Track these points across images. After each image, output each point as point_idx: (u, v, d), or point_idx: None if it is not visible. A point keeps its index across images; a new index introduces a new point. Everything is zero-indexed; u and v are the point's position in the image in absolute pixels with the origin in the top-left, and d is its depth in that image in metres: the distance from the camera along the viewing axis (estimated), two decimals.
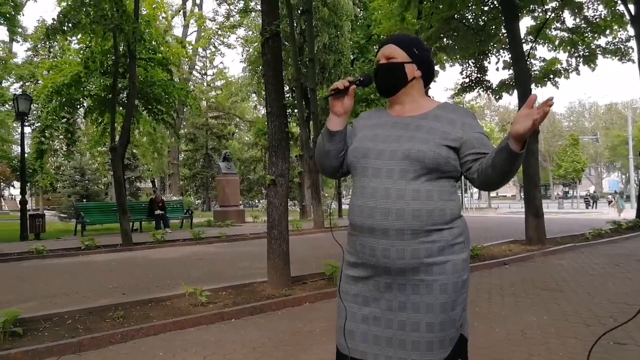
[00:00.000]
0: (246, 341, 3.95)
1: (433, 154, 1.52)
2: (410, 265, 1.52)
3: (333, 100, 1.66)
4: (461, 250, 1.58)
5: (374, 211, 1.54)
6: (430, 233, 1.52)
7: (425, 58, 1.71)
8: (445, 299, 1.52)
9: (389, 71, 1.67)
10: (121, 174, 11.77)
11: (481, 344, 3.71)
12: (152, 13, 16.20)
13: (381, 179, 1.56)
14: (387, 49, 1.69)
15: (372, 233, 1.55)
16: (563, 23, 13.50)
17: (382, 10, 15.54)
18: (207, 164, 42.14)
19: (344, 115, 1.68)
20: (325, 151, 1.72)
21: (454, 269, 1.54)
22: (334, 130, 1.67)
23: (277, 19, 6.04)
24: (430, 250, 1.52)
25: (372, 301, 1.59)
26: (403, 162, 1.54)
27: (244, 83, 33.36)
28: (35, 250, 9.78)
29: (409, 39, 1.73)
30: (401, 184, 1.53)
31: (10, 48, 37.94)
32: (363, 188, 1.59)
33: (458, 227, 1.59)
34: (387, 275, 1.56)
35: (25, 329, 4.11)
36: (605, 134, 60.76)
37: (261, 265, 6.35)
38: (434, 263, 1.52)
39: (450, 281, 1.53)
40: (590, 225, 12.79)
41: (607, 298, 5.08)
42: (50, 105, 15.52)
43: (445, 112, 1.64)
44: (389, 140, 1.60)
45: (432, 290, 1.52)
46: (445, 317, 1.52)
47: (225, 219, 18.32)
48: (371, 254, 1.56)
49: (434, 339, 1.51)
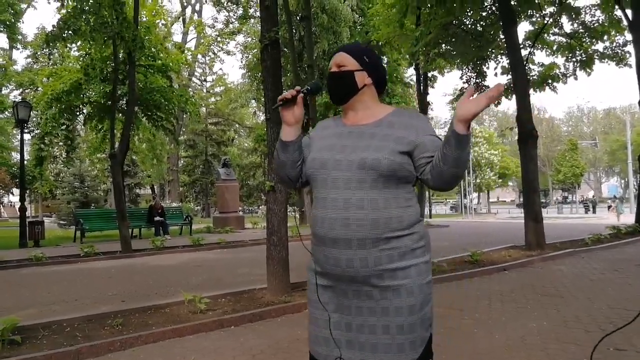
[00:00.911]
0: (245, 348, 3.93)
1: (388, 162, 1.55)
2: (374, 273, 1.55)
3: (283, 110, 1.68)
4: (422, 253, 1.62)
5: (335, 222, 1.57)
6: (390, 240, 1.56)
7: (376, 65, 1.75)
8: (412, 302, 1.56)
9: (340, 79, 1.70)
10: (120, 180, 11.77)
11: (481, 350, 3.71)
12: (151, 20, 16.26)
13: (340, 190, 1.58)
14: (338, 57, 1.72)
15: (335, 244, 1.58)
16: (561, 28, 13.57)
17: (381, 16, 15.60)
18: (207, 170, 42.17)
19: (296, 124, 1.70)
20: (281, 162, 1.74)
21: (418, 272, 1.58)
22: (286, 140, 1.70)
23: (276, 26, 6.06)
24: (392, 256, 1.56)
25: (343, 308, 1.61)
26: (359, 172, 1.56)
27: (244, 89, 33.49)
28: (34, 257, 9.77)
29: (359, 48, 1.77)
30: (359, 193, 1.56)
31: (10, 55, 38.04)
32: (324, 199, 1.61)
33: (417, 232, 1.62)
34: (354, 283, 1.58)
35: (24, 337, 4.09)
36: (604, 139, 60.94)
37: (260, 271, 6.34)
38: (397, 268, 1.56)
39: (415, 284, 1.57)
40: (590, 230, 12.78)
41: (607, 304, 5.07)
42: (50, 112, 15.56)
43: (399, 117, 1.67)
44: (345, 151, 1.62)
45: (399, 294, 1.55)
46: (414, 318, 1.56)
47: (225, 225, 18.29)
48: (335, 264, 1.59)
49: (405, 340, 1.55)
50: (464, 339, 4.00)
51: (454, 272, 7.16)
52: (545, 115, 67.64)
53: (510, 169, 46.89)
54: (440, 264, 7.46)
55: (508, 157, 48.35)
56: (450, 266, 7.60)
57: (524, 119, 9.99)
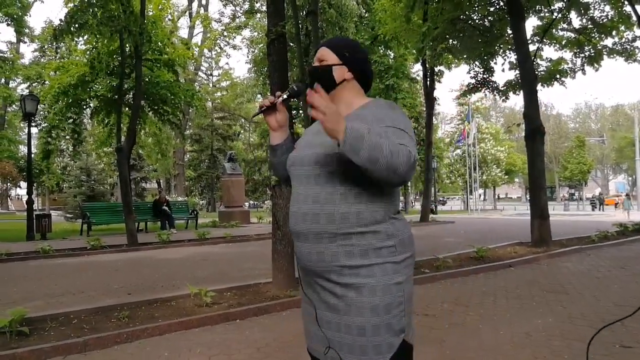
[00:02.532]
0: (251, 342, 3.96)
1: (337, 157, 1.48)
2: (332, 269, 1.52)
3: (266, 116, 1.71)
4: (391, 254, 1.53)
5: (296, 216, 1.59)
6: (349, 236, 1.50)
7: (359, 60, 1.71)
8: (375, 302, 1.48)
9: (318, 74, 1.70)
10: (127, 174, 11.82)
11: (486, 346, 3.71)
12: (158, 14, 16.25)
13: (302, 185, 1.60)
14: (320, 52, 1.72)
15: (298, 237, 1.60)
16: (570, 24, 13.44)
17: (388, 11, 15.51)
18: (212, 165, 42.26)
19: (280, 129, 1.73)
20: (272, 164, 1.80)
21: (383, 272, 1.50)
22: (273, 144, 1.75)
23: (283, 20, 6.06)
24: (351, 253, 1.50)
25: (317, 302, 1.60)
26: (314, 167, 1.57)
27: (250, 84, 33.47)
28: (41, 250, 9.84)
29: (342, 42, 1.74)
30: (315, 188, 1.56)
31: (18, 49, 38.22)
32: (293, 195, 1.65)
33: (383, 231, 1.53)
34: (318, 277, 1.57)
35: (32, 328, 4.13)
36: (612, 136, 60.51)
37: (266, 266, 6.37)
38: (359, 266, 1.50)
39: (379, 284, 1.49)
40: (596, 227, 12.73)
41: (613, 301, 5.05)
42: (57, 105, 15.63)
43: (369, 109, 1.62)
44: (309, 146, 1.64)
45: (360, 293, 1.49)
46: (378, 320, 1.48)
47: (230, 220, 18.35)
48: (300, 257, 1.61)
49: (367, 343, 1.48)
50: (469, 335, 4.00)
51: (459, 268, 7.16)
52: (552, 111, 67.33)
53: (517, 166, 46.70)
54: (446, 259, 7.45)
55: (515, 153, 48.14)
56: (455, 262, 7.60)
57: (532, 115, 9.94)
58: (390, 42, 19.42)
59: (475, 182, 37.14)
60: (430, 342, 3.79)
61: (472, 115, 36.33)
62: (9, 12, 27.64)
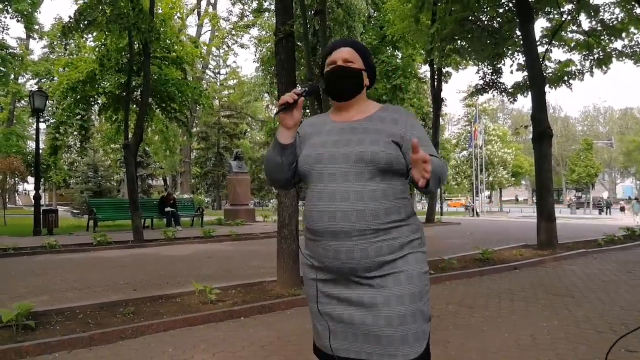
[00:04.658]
0: (255, 339, 3.96)
1: (385, 154, 1.57)
2: (375, 263, 1.57)
3: (283, 114, 1.66)
4: (420, 245, 1.66)
5: (335, 215, 1.57)
6: (389, 230, 1.58)
7: (374, 68, 1.80)
8: (412, 289, 1.57)
9: (350, 76, 1.70)
10: (134, 171, 11.88)
11: (491, 348, 3.70)
12: (167, 12, 16.32)
13: (338, 183, 1.59)
14: (346, 52, 1.71)
15: (334, 236, 1.58)
16: (579, 26, 13.35)
17: (397, 11, 15.48)
18: (219, 163, 42.37)
19: (294, 127, 1.69)
20: (279, 165, 1.71)
21: (416, 260, 1.62)
22: (286, 143, 1.68)
23: (291, 19, 6.06)
24: (392, 247, 1.58)
25: (344, 300, 1.61)
26: (357, 165, 1.58)
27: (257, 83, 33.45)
28: (48, 245, 9.90)
29: (364, 47, 1.77)
30: (358, 185, 1.58)
31: (27, 45, 38.44)
32: (320, 193, 1.62)
33: (414, 223, 1.66)
34: (354, 275, 1.59)
35: (38, 322, 4.17)
36: (620, 139, 60.10)
37: (271, 264, 6.37)
38: (397, 258, 1.59)
39: (415, 271, 1.59)
40: (603, 231, 12.66)
41: (620, 305, 5.02)
42: (66, 101, 15.73)
43: (388, 113, 1.71)
44: (339, 145, 1.64)
45: (399, 281, 1.57)
46: (415, 307, 1.56)
47: (236, 218, 18.39)
48: (335, 257, 1.59)
49: (408, 331, 1.54)
50: (474, 337, 3.99)
51: (464, 269, 7.13)
52: (560, 114, 66.98)
53: (524, 168, 46.50)
54: (451, 261, 7.43)
55: (522, 155, 47.92)
56: (460, 263, 7.58)
57: (539, 118, 9.88)
58: (399, 42, 19.36)
59: (481, 184, 37.01)
60: (434, 343, 3.77)
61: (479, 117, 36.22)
62: (19, 9, 27.82)
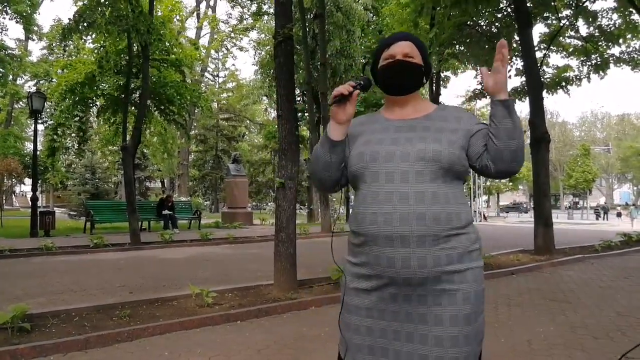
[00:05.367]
0: (251, 343, 3.95)
1: (448, 153, 1.45)
2: (432, 275, 1.42)
3: (336, 107, 1.53)
4: (478, 257, 1.50)
5: (392, 218, 1.42)
6: (449, 239, 1.43)
7: (431, 65, 1.69)
8: (469, 310, 1.43)
9: (413, 71, 1.59)
10: (132, 173, 11.86)
11: (486, 353, 3.67)
12: (167, 15, 16.34)
13: (396, 183, 1.45)
14: (407, 46, 1.59)
15: (389, 242, 1.43)
16: (577, 31, 13.41)
17: (395, 16, 15.53)
18: (217, 166, 42.34)
19: (347, 123, 1.56)
20: (327, 163, 1.58)
21: (475, 277, 1.46)
22: (337, 139, 1.55)
23: (291, 23, 6.07)
24: (451, 257, 1.43)
25: (389, 314, 1.48)
26: (418, 164, 1.45)
27: (256, 86, 33.50)
28: (44, 247, 9.87)
29: (423, 43, 1.66)
30: (419, 186, 1.43)
31: (26, 46, 38.35)
32: (375, 194, 1.47)
33: (473, 232, 1.51)
34: (407, 286, 1.44)
35: (33, 324, 4.15)
36: (617, 145, 60.20)
37: (268, 267, 6.36)
38: (455, 271, 1.43)
39: (472, 290, 1.44)
40: (600, 236, 12.67)
41: (616, 311, 5.02)
42: (64, 103, 15.72)
43: (448, 111, 1.61)
44: (397, 143, 1.50)
45: (455, 301, 1.42)
46: (470, 329, 1.42)
47: (233, 221, 18.37)
48: (389, 265, 1.44)
49: (459, 354, 1.41)
50: None
51: None
52: (558, 119, 67.09)
53: (522, 173, 46.53)
54: None
55: None
56: None
57: (537, 123, 9.90)
58: None
59: (479, 189, 37.03)
60: None
61: None
62: (18, 10, 27.81)
